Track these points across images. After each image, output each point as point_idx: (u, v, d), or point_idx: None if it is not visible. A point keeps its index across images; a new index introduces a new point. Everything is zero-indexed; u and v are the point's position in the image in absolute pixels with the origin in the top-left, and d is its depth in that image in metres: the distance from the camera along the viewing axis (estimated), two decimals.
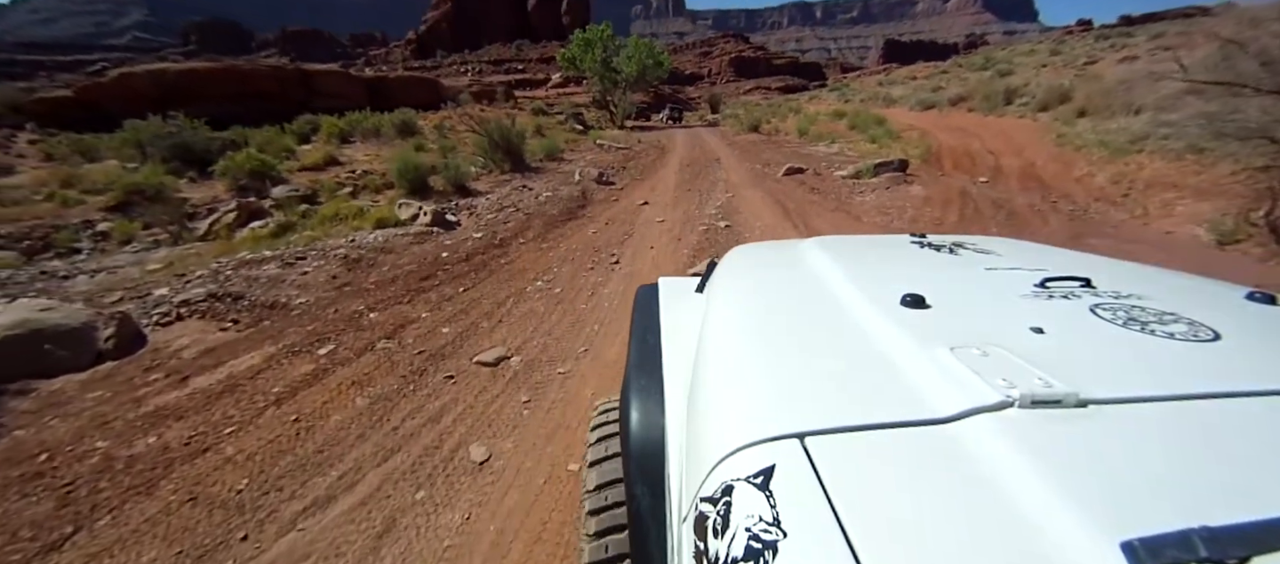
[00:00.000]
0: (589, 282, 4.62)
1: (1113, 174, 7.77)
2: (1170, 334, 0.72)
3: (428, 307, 4.09)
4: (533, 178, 10.31)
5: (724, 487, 0.55)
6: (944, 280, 1.05)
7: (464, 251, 5.42)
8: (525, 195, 8.38)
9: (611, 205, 7.96)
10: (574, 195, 8.37)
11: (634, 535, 0.84)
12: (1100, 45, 32.78)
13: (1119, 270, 1.09)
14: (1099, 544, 0.39)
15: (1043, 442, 0.51)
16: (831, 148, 14.25)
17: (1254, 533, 0.38)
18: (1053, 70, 21.74)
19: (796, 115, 28.92)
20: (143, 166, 12.65)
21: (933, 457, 0.52)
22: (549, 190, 8.68)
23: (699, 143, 18.47)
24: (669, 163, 12.96)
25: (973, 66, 40.45)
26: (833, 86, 58.76)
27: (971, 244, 1.34)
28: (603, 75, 32.99)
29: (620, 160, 13.27)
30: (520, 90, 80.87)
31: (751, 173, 10.60)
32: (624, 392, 1.03)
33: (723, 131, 24.63)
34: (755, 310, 1.03)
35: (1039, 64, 26.52)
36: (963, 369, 0.62)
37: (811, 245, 1.35)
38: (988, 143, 12.05)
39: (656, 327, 1.21)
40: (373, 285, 4.50)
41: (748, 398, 0.70)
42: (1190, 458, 0.50)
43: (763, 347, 0.85)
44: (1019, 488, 0.46)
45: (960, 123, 16.58)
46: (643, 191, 9.03)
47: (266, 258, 5.36)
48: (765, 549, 0.46)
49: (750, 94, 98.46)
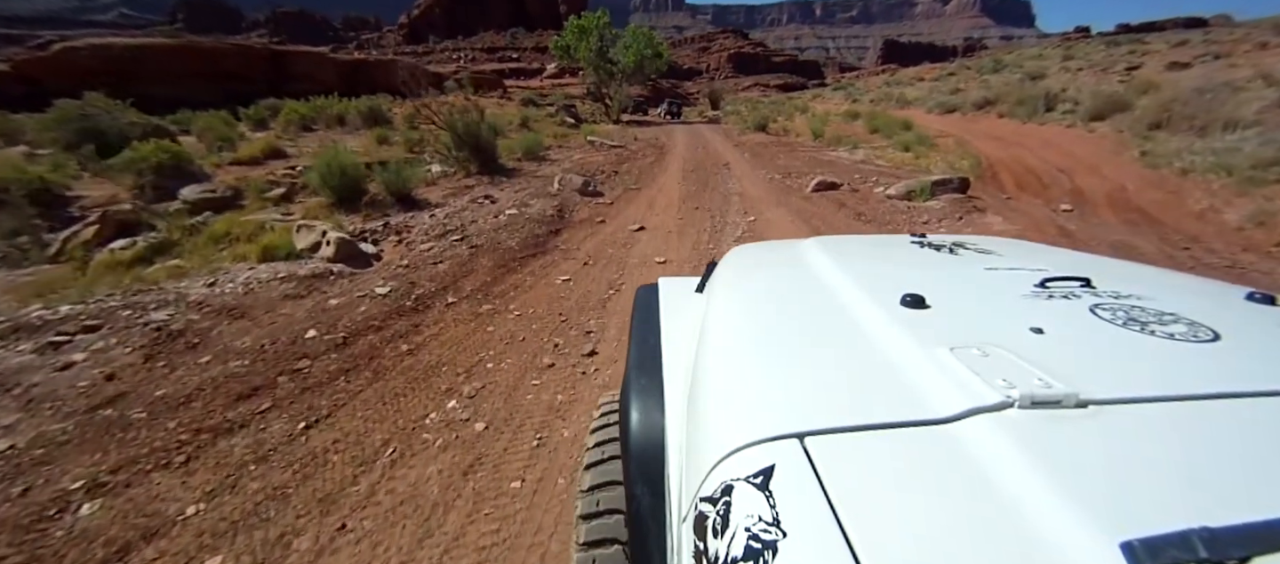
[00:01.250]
0: (541, 401, 2.67)
1: (1251, 212, 5.93)
2: (1170, 334, 0.71)
3: (194, 491, 2.11)
4: (502, 184, 8.34)
5: (724, 486, 0.55)
6: (944, 280, 1.05)
7: (350, 323, 3.45)
8: (482, 212, 6.40)
9: (595, 231, 6.02)
10: (547, 214, 6.42)
11: (633, 535, 0.83)
12: (1117, 51, 31.17)
13: (1119, 270, 1.08)
14: (1099, 545, 0.39)
15: (1042, 442, 0.50)
16: (855, 154, 12.37)
17: (1254, 533, 0.38)
18: (1093, 75, 19.96)
19: (804, 115, 26.99)
20: (56, 154, 10.58)
21: (932, 457, 0.51)
22: (515, 205, 6.72)
23: (702, 142, 16.51)
24: (669, 167, 11.02)
25: (983, 69, 38.77)
26: (836, 85, 56.99)
27: (971, 244, 1.33)
28: (598, 66, 30.82)
29: (612, 162, 11.31)
30: (514, 80, 78.46)
31: (771, 185, 8.67)
32: (624, 392, 1.02)
33: (726, 130, 22.65)
34: (755, 310, 1.02)
35: (1060, 68, 24.75)
36: (963, 369, 0.62)
37: (812, 245, 1.33)
38: (1045, 156, 10.21)
39: (656, 327, 1.18)
40: (145, 413, 2.53)
41: (747, 398, 0.70)
42: (1190, 458, 0.49)
43: (762, 346, 0.84)
44: (1019, 488, 0.46)
45: (996, 129, 14.76)
46: (637, 209, 7.09)
47: (45, 321, 3.38)
48: (765, 549, 0.45)
49: (749, 91, 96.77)
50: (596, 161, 11.43)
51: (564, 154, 12.70)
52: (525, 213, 6.37)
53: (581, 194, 7.74)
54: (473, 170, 9.34)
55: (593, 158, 12.03)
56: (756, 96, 70.03)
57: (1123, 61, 23.99)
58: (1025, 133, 13.55)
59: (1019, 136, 13.04)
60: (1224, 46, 20.24)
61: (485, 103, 26.37)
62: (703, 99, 56.35)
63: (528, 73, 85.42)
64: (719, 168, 10.82)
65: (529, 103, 26.95)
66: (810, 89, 77.13)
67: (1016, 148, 11.38)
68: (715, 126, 26.69)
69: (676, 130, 22.80)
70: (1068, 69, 23.77)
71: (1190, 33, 41.32)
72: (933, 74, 47.53)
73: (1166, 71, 16.65)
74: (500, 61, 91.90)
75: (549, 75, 78.49)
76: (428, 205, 6.82)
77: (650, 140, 17.15)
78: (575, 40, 29.98)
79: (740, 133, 20.02)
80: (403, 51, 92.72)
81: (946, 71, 45.74)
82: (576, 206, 7.06)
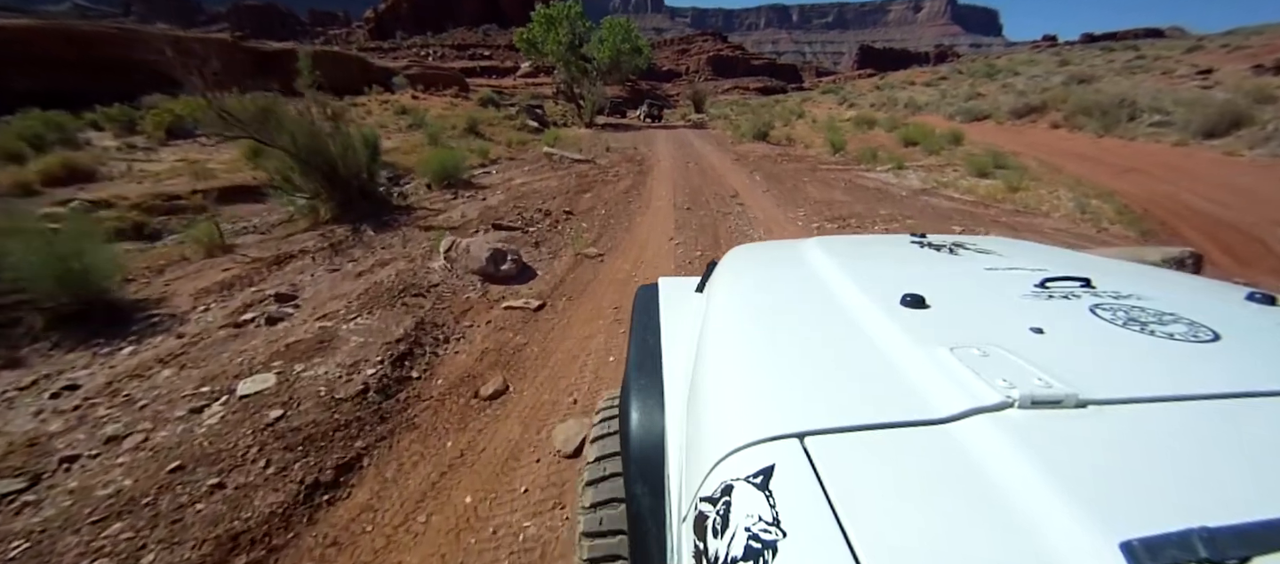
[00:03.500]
0: None
1: None
2: (1170, 334, 0.70)
3: None
4: (354, 250, 4.60)
5: (724, 486, 0.54)
6: (944, 280, 1.03)
7: None
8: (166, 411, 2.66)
9: (468, 444, 2.36)
10: (355, 385, 2.72)
11: (633, 535, 0.81)
12: (1121, 58, 28.91)
13: (1119, 270, 1.06)
14: (1099, 544, 0.39)
15: (1042, 442, 0.50)
16: (905, 178, 8.94)
17: (1254, 533, 0.38)
18: (1153, 79, 17.01)
19: (802, 120, 23.60)
20: None
21: (932, 457, 0.51)
22: (311, 349, 3.01)
23: (692, 155, 12.89)
24: (653, 199, 7.37)
25: (976, 73, 36.37)
26: (825, 89, 54.16)
27: (971, 244, 1.31)
28: (569, 61, 27.01)
29: (569, 190, 7.61)
30: (485, 78, 73.83)
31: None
32: (624, 392, 1.01)
33: (717, 137, 19.11)
34: (755, 310, 1.00)
35: (1070, 74, 21.90)
36: (962, 369, 0.61)
37: (812, 245, 1.30)
38: (1213, 195, 6.91)
39: (656, 327, 1.16)
40: None
41: (747, 398, 0.69)
42: (1190, 458, 0.49)
43: (762, 346, 0.83)
44: (1019, 488, 0.45)
45: (1068, 145, 11.52)
46: (589, 322, 3.46)
47: None
48: (765, 549, 0.45)
49: (728, 93, 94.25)
50: (545, 189, 7.71)
51: (504, 175, 8.94)
52: (296, 406, 2.61)
53: (485, 278, 4.03)
54: (323, 216, 5.55)
55: (542, 182, 8.30)
56: (736, 98, 67.08)
57: (1157, 66, 21.32)
58: (1118, 152, 10.33)
59: (1118, 157, 9.81)
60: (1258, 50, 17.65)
61: (433, 102, 22.29)
62: (684, 101, 52.91)
63: (500, 71, 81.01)
64: (726, 200, 7.23)
65: (488, 102, 23.00)
66: (803, 92, 74.78)
67: (1142, 178, 8.09)
68: (702, 133, 23.18)
69: (658, 137, 19.19)
70: (1091, 71, 20.94)
71: (1141, 42, 39.60)
72: (924, 77, 45.10)
73: (1257, 75, 13.73)
74: (471, 59, 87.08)
75: (523, 74, 74.45)
76: (139, 318, 3.05)
77: (626, 150, 13.48)
78: (542, 32, 26.11)
79: (735, 141, 16.52)
80: (366, 48, 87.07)
81: (939, 76, 43.37)
82: (454, 328, 3.35)
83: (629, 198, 7.50)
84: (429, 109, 17.45)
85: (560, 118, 27.27)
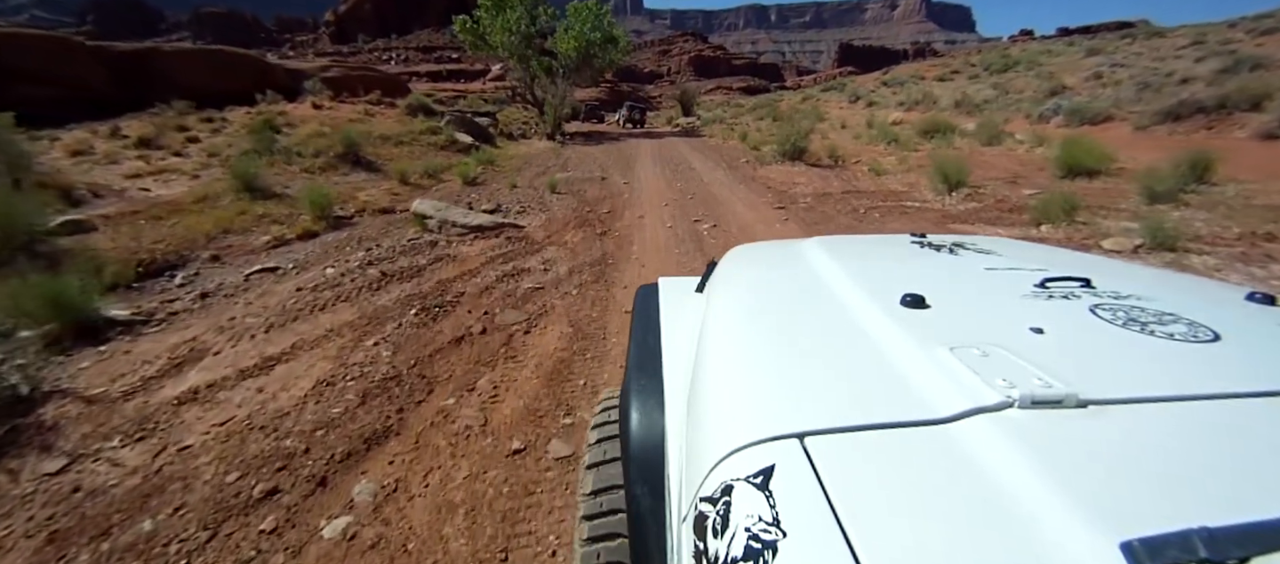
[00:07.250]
0: None
1: None
2: (1170, 335, 0.70)
3: None
4: None
5: (724, 486, 0.54)
6: (944, 280, 1.03)
7: None
8: None
9: None
10: None
11: (633, 535, 0.80)
12: (1125, 53, 24.67)
13: (1119, 271, 1.06)
14: (1099, 545, 0.39)
15: (1043, 442, 0.50)
16: None
17: (1254, 533, 0.38)
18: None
19: (825, 123, 18.39)
20: None
21: (932, 457, 0.50)
22: None
23: (696, 190, 7.64)
24: None
25: (992, 68, 31.89)
26: (829, 85, 49.40)
27: (972, 244, 1.30)
28: (525, 56, 21.61)
29: (339, 411, 2.40)
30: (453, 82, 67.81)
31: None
32: (624, 392, 1.00)
33: (719, 150, 13.90)
34: (755, 310, 0.99)
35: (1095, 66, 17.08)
36: (963, 369, 0.61)
37: (812, 245, 1.29)
38: None
39: (656, 327, 1.16)
40: None
41: (747, 398, 0.68)
42: (1190, 459, 0.49)
43: (762, 346, 0.82)
44: (1019, 488, 0.45)
45: None
46: None
47: None
48: (765, 549, 0.45)
49: (712, 93, 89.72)
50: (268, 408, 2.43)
51: (245, 302, 3.62)
52: None
53: None
54: None
55: (284, 352, 3.01)
56: (722, 99, 62.26)
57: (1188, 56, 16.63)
58: None
59: None
60: None
61: (341, 112, 16.73)
62: (668, 102, 47.72)
63: (469, 75, 74.93)
64: None
65: (419, 110, 17.55)
66: (773, 91, 70.00)
67: None
68: (698, 142, 17.98)
69: (641, 153, 13.97)
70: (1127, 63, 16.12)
71: (1113, 36, 35.76)
72: (934, 71, 40.57)
73: None
74: (437, 62, 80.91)
75: (492, 77, 68.64)
76: None
77: (589, 187, 8.19)
78: (489, 19, 20.64)
79: (753, 160, 11.34)
80: (325, 52, 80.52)
81: (950, 69, 38.89)
82: None
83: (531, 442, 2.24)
84: (307, 123, 11.99)
85: (520, 127, 21.88)
